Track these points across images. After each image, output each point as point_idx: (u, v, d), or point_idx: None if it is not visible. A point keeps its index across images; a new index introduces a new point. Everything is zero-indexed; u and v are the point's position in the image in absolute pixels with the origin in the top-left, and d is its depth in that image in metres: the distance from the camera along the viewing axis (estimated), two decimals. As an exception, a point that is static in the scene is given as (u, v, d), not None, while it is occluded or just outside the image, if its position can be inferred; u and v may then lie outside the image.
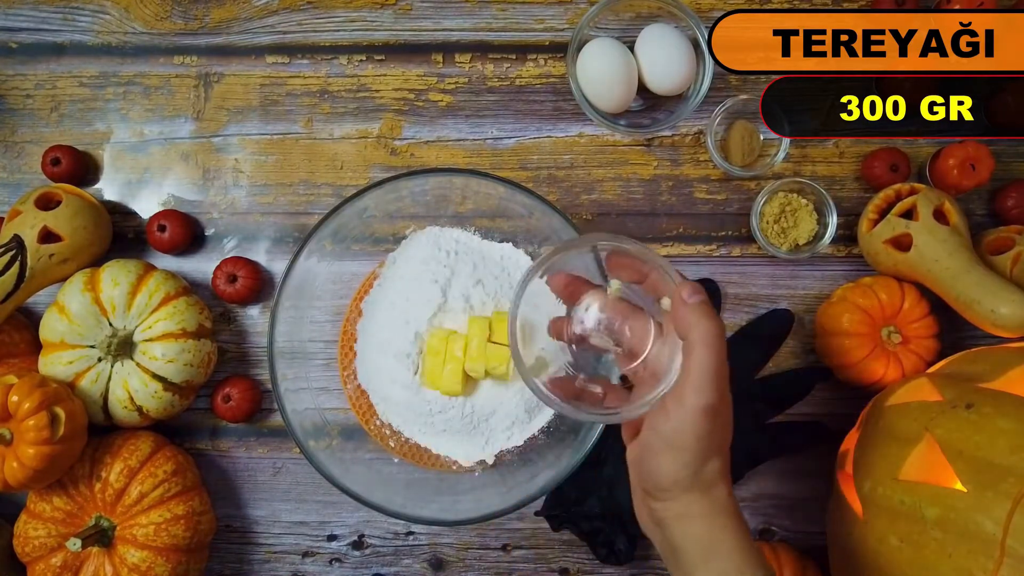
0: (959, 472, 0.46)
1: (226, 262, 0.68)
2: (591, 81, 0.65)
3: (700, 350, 0.40)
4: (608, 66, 0.63)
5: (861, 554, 0.52)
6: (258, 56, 0.71)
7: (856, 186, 0.70)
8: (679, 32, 0.65)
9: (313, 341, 0.67)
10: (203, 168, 0.71)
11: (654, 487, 0.42)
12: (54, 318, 0.62)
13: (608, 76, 0.64)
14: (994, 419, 0.47)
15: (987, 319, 0.58)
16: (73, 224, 0.64)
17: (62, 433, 0.58)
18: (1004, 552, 0.42)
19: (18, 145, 0.71)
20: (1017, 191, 0.66)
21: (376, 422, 0.67)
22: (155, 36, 0.71)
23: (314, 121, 0.71)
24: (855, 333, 0.63)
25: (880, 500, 0.50)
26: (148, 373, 0.62)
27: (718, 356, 0.40)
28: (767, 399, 0.67)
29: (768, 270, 0.69)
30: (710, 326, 0.40)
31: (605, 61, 0.64)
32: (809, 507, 0.68)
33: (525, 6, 0.71)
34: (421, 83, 0.71)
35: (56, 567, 0.62)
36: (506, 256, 0.67)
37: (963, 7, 0.65)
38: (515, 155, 0.71)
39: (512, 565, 0.69)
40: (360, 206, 0.60)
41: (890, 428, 0.53)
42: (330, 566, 0.70)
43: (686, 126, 0.70)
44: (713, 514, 0.42)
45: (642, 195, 0.70)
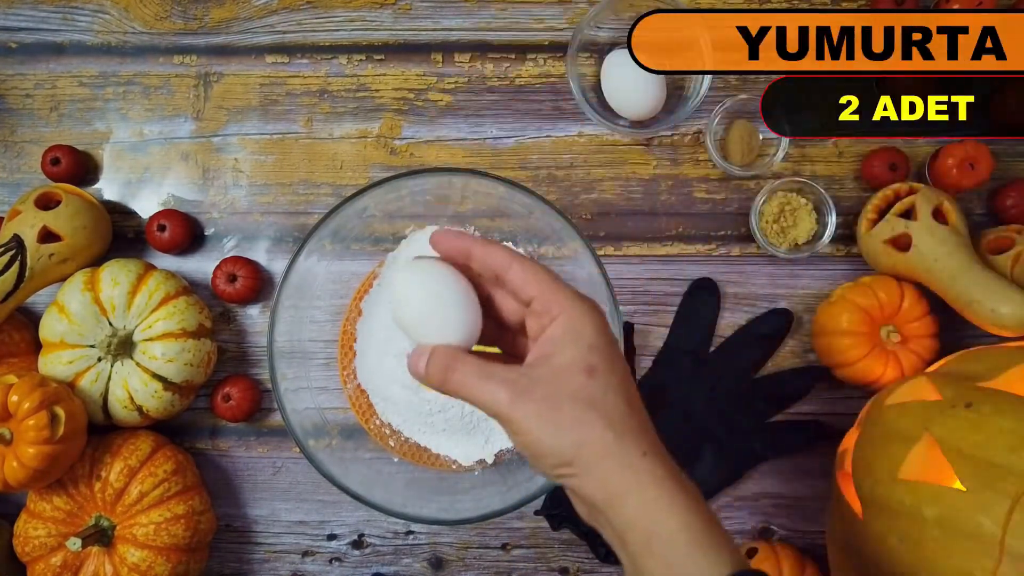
0: (958, 471, 0.46)
1: (226, 262, 0.68)
2: (619, 89, 0.65)
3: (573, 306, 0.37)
4: (639, 71, 0.63)
5: (861, 553, 0.52)
6: (258, 56, 0.71)
7: (855, 186, 0.70)
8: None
9: (313, 341, 0.67)
10: (203, 168, 0.71)
11: (557, 461, 0.37)
12: (54, 318, 0.62)
13: (640, 83, 0.64)
14: (993, 418, 0.47)
15: (987, 318, 0.58)
16: (73, 224, 0.64)
17: (62, 433, 0.58)
18: (1003, 551, 0.42)
19: (18, 145, 0.71)
20: (1016, 190, 0.66)
21: (376, 421, 0.67)
22: (155, 36, 0.71)
23: (314, 121, 0.71)
24: (854, 332, 0.63)
25: (880, 499, 0.50)
26: (148, 373, 0.62)
27: (595, 317, 0.38)
28: (767, 398, 0.68)
29: (767, 269, 0.69)
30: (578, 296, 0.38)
31: (635, 67, 0.63)
32: (809, 507, 0.68)
33: (525, 6, 0.71)
34: (421, 83, 0.71)
35: (56, 567, 0.62)
36: (506, 256, 0.66)
37: (963, 7, 0.65)
38: (515, 155, 0.71)
39: (512, 564, 0.69)
40: (360, 206, 0.60)
41: (889, 427, 0.53)
42: (330, 565, 0.70)
43: (685, 126, 0.70)
44: (641, 487, 0.36)
45: (641, 195, 0.70)
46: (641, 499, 0.36)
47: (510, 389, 0.37)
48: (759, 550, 0.63)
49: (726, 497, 0.68)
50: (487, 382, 0.37)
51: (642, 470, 0.36)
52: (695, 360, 0.68)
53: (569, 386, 0.37)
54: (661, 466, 0.37)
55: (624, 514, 0.36)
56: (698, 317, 0.69)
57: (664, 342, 0.69)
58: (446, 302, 0.39)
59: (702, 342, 0.69)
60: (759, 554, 0.63)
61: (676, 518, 0.36)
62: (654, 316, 0.69)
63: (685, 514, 0.36)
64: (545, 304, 0.38)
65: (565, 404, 0.36)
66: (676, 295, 0.69)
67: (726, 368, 0.68)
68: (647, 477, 0.36)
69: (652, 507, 0.36)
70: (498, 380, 0.37)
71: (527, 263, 0.39)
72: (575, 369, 0.37)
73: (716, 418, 0.67)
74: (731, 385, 0.68)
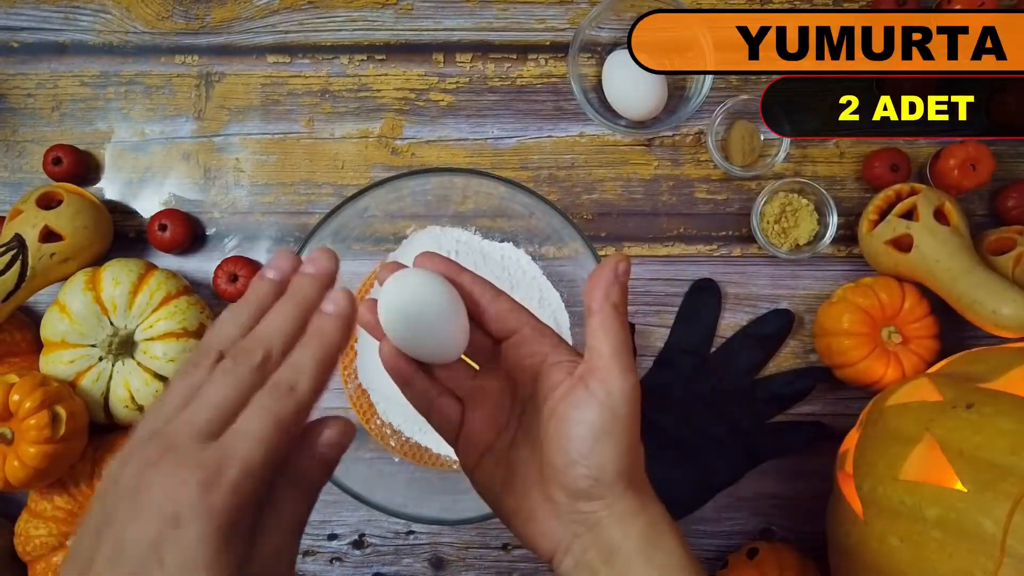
0: (959, 472, 0.46)
1: (227, 261, 0.68)
2: (621, 89, 0.65)
3: (614, 326, 0.37)
4: (641, 72, 0.63)
5: (861, 554, 0.52)
6: (259, 56, 0.71)
7: (857, 186, 0.70)
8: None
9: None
10: (204, 167, 0.71)
11: (594, 484, 0.37)
12: (55, 317, 0.62)
13: (641, 83, 0.64)
14: (994, 419, 0.47)
15: (988, 319, 0.58)
16: (74, 223, 0.64)
17: (63, 432, 0.58)
18: (1004, 552, 0.42)
19: (19, 144, 0.71)
20: (1018, 191, 0.66)
21: (377, 421, 0.67)
22: (156, 35, 0.71)
23: (315, 121, 0.71)
24: (855, 333, 0.63)
25: (880, 500, 0.50)
26: (149, 372, 0.62)
27: (626, 333, 0.38)
28: (768, 399, 0.68)
29: (768, 270, 0.69)
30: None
31: (636, 67, 0.63)
32: (809, 507, 0.68)
33: (526, 6, 0.71)
34: (422, 83, 0.71)
35: (57, 566, 0.62)
36: (507, 256, 0.67)
37: (964, 7, 0.65)
38: (516, 155, 0.71)
39: (512, 564, 0.69)
40: (361, 206, 0.60)
41: (890, 428, 0.53)
42: (330, 565, 0.70)
43: (687, 126, 0.70)
44: (651, 506, 0.38)
45: (643, 195, 0.70)
46: (651, 518, 0.37)
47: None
48: (759, 550, 0.63)
49: (726, 497, 0.68)
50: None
51: (649, 491, 0.39)
52: (696, 361, 0.68)
53: (630, 411, 0.38)
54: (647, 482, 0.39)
55: (633, 530, 0.37)
56: (699, 318, 0.69)
57: (665, 343, 0.69)
58: (428, 316, 0.38)
59: (703, 343, 0.69)
60: (759, 554, 0.63)
61: (672, 532, 0.37)
62: (655, 316, 0.69)
63: (676, 528, 0.38)
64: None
65: (628, 425, 0.37)
66: (677, 295, 0.69)
67: (727, 369, 0.68)
68: (653, 498, 0.38)
69: (658, 523, 0.37)
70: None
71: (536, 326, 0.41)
72: (633, 390, 0.38)
73: (717, 419, 0.67)
74: (732, 386, 0.68)
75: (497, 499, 0.40)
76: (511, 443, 0.40)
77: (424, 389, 0.41)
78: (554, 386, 0.38)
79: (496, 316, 0.41)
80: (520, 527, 0.39)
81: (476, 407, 0.41)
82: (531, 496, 0.39)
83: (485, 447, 0.41)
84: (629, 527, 0.37)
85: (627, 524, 0.37)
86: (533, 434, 0.39)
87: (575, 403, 0.36)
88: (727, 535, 0.69)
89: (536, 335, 0.40)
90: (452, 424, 0.41)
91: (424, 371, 0.41)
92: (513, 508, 0.39)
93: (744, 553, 0.64)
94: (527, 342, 0.40)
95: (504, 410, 0.41)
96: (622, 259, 0.37)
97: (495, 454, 0.40)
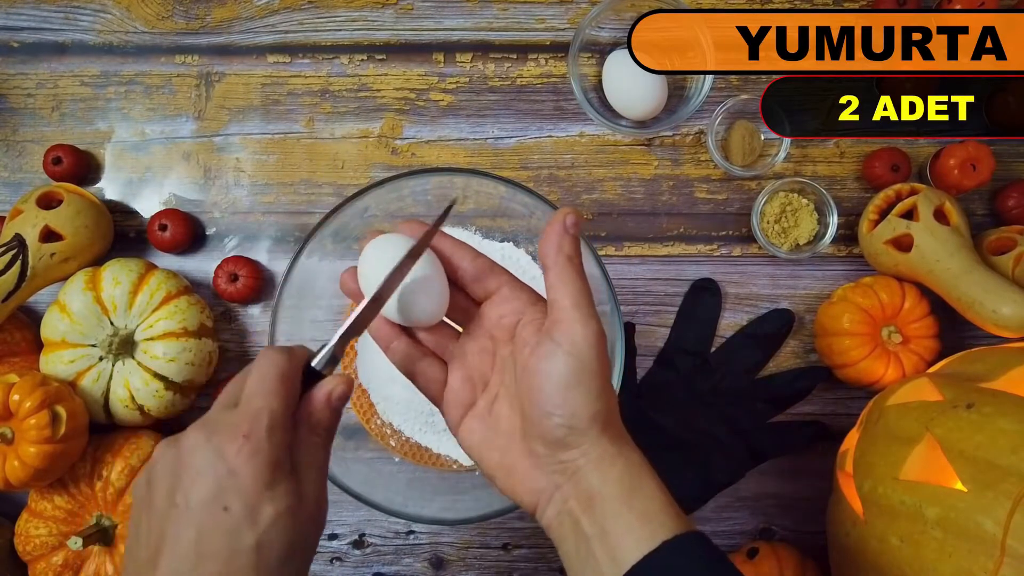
0: (959, 472, 0.46)
1: (227, 261, 0.68)
2: (621, 89, 0.65)
3: (571, 276, 0.38)
4: (641, 71, 0.63)
5: (861, 554, 0.52)
6: (259, 55, 0.71)
7: (857, 186, 0.70)
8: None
9: (314, 340, 0.66)
10: (204, 167, 0.71)
11: (569, 432, 0.38)
12: (55, 317, 0.62)
13: (641, 83, 0.64)
14: (995, 419, 0.47)
15: (989, 319, 0.58)
16: (74, 223, 0.64)
17: (63, 432, 0.58)
18: (1004, 552, 0.42)
19: (19, 144, 0.71)
20: (1018, 191, 0.66)
21: (377, 421, 0.67)
22: (156, 35, 0.71)
23: (315, 121, 0.71)
24: (855, 333, 0.63)
25: (880, 500, 0.50)
26: (149, 372, 0.62)
27: (584, 282, 0.39)
28: (767, 399, 0.68)
29: (769, 270, 0.69)
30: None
31: (636, 67, 0.63)
32: (809, 507, 0.68)
33: (526, 6, 0.71)
34: (422, 83, 0.71)
35: (57, 566, 0.62)
36: (507, 256, 0.67)
37: (964, 7, 0.65)
38: (516, 155, 0.71)
39: (513, 564, 0.69)
40: (361, 205, 0.60)
41: (890, 428, 0.53)
42: (331, 565, 0.70)
43: (687, 126, 0.70)
44: (629, 451, 0.38)
45: (643, 195, 0.70)
46: (629, 463, 0.39)
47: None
48: (759, 550, 0.63)
49: (726, 497, 0.68)
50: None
51: (624, 435, 0.40)
52: (696, 360, 0.68)
53: (599, 355, 0.39)
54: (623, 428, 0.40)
55: (612, 475, 0.38)
56: (699, 317, 0.69)
57: (665, 342, 0.69)
58: (407, 279, 0.40)
59: (703, 342, 0.69)
60: (759, 554, 0.63)
61: (651, 478, 0.38)
62: (655, 316, 0.69)
63: (654, 473, 0.39)
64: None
65: (598, 368, 0.39)
66: (677, 295, 0.69)
67: (727, 368, 0.68)
68: (629, 443, 0.39)
69: (636, 468, 0.38)
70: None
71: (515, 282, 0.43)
72: (597, 336, 0.39)
73: (717, 418, 0.67)
74: (732, 385, 0.68)
75: (481, 456, 0.42)
76: (493, 400, 0.42)
77: (407, 351, 0.43)
78: (526, 342, 0.40)
79: (475, 276, 0.43)
80: (504, 481, 0.41)
81: (458, 368, 0.43)
82: (513, 451, 0.40)
83: (468, 406, 0.42)
84: (607, 472, 0.38)
85: (605, 469, 0.38)
86: (512, 391, 0.41)
87: (543, 356, 0.38)
88: (727, 535, 0.69)
89: (514, 292, 0.42)
90: (436, 385, 0.43)
91: (408, 335, 0.43)
92: (496, 463, 0.41)
93: (744, 553, 0.64)
94: (506, 300, 0.42)
95: (486, 370, 0.43)
96: (570, 212, 0.39)
97: (478, 412, 0.42)
